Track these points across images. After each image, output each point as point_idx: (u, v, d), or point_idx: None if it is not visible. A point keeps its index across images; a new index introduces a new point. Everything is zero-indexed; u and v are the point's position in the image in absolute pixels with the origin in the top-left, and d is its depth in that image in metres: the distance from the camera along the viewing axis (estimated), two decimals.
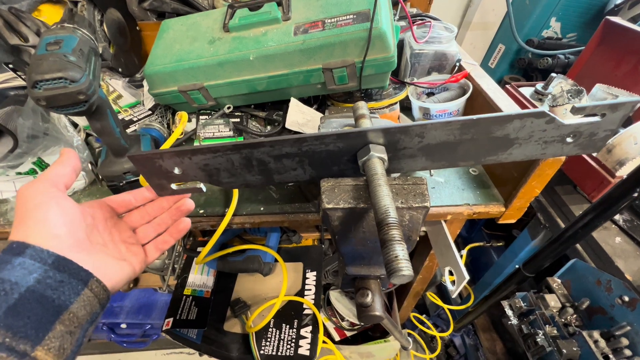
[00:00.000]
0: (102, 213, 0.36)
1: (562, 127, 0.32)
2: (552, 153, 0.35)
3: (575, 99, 0.79)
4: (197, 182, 0.38)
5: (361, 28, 0.56)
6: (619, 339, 0.64)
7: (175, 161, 0.35)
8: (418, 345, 1.37)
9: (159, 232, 0.41)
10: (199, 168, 0.36)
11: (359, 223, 0.34)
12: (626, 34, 0.87)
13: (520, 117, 0.31)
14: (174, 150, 0.34)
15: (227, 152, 0.34)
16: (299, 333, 0.76)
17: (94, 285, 0.30)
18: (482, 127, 0.32)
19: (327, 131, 0.34)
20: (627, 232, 0.75)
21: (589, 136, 0.33)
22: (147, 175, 0.36)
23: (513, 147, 0.34)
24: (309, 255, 0.91)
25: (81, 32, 0.45)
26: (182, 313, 0.73)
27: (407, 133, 0.33)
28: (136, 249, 0.38)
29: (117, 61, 0.80)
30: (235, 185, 0.38)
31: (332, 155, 0.36)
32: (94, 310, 0.30)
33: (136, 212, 0.41)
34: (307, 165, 0.37)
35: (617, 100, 0.30)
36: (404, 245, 0.26)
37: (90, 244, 0.32)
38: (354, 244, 0.35)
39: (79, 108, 0.41)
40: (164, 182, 0.37)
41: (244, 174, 0.37)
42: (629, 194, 0.55)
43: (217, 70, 0.63)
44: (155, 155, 0.34)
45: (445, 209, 0.60)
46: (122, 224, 0.39)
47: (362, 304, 0.36)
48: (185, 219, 0.42)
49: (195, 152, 0.34)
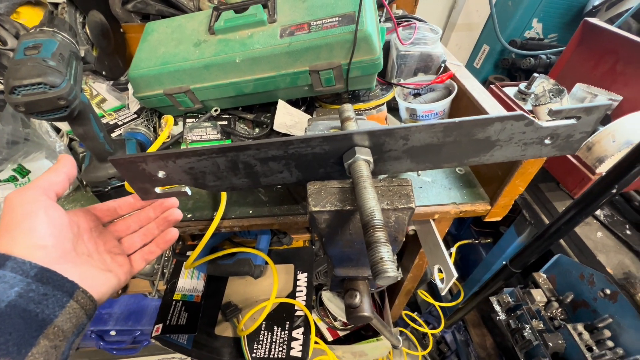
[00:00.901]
0: (87, 222, 0.36)
1: (540, 129, 0.32)
2: (532, 154, 0.36)
3: (556, 99, 0.81)
4: (183, 185, 0.37)
5: (347, 30, 0.56)
6: (602, 331, 0.66)
7: (159, 165, 0.34)
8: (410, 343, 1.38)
9: (146, 242, 0.41)
10: (183, 171, 0.35)
11: (346, 225, 0.34)
12: (604, 34, 0.90)
13: (501, 119, 0.32)
14: (158, 153, 0.33)
15: (212, 155, 0.34)
16: (290, 335, 0.76)
17: (80, 297, 0.29)
18: (465, 130, 0.33)
19: (313, 134, 0.34)
20: (607, 227, 0.77)
21: (566, 138, 0.34)
22: (130, 179, 0.35)
23: (494, 149, 0.35)
24: (300, 256, 0.91)
25: (61, 35, 0.44)
26: (171, 319, 0.73)
27: (391, 135, 0.34)
28: (121, 260, 0.37)
29: (100, 64, 0.79)
30: (221, 188, 0.38)
31: (318, 158, 0.36)
32: (80, 321, 0.29)
33: (122, 221, 0.40)
34: (294, 167, 0.37)
35: (591, 103, 0.31)
36: (390, 246, 0.26)
37: (77, 255, 0.32)
38: (341, 246, 0.36)
39: (60, 114, 0.40)
40: (147, 186, 0.36)
41: (230, 177, 0.37)
42: (608, 191, 0.56)
43: (203, 73, 0.63)
44: (139, 159, 0.33)
45: (432, 208, 0.61)
46: (107, 234, 0.38)
47: (350, 304, 0.36)
48: (173, 229, 0.41)
49: (179, 156, 0.34)
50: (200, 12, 0.71)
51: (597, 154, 0.70)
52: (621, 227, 0.77)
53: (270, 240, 0.90)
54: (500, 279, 0.87)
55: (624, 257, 0.72)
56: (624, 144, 0.66)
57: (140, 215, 0.41)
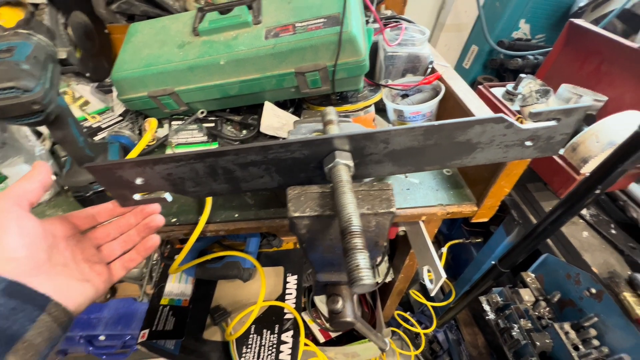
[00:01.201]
0: (64, 230, 0.35)
1: (520, 131, 0.32)
2: (514, 156, 0.36)
3: (543, 99, 0.82)
4: (162, 192, 0.37)
5: (332, 32, 0.56)
6: (588, 329, 0.67)
7: (136, 171, 0.34)
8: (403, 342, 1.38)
9: (126, 249, 0.40)
10: (162, 178, 0.35)
11: (326, 230, 0.34)
12: (589, 35, 0.91)
13: (481, 122, 0.32)
14: (135, 160, 0.33)
15: (190, 161, 0.33)
16: (280, 338, 0.75)
17: (53, 309, 0.29)
18: (445, 133, 0.33)
19: (292, 139, 0.33)
20: (593, 227, 0.78)
21: (546, 140, 0.34)
22: (107, 186, 0.34)
23: (476, 152, 0.35)
24: (290, 259, 0.91)
25: (37, 38, 0.43)
26: (158, 324, 0.72)
27: (371, 139, 0.34)
28: (100, 268, 0.36)
29: (84, 66, 0.77)
30: (201, 194, 0.38)
31: (298, 163, 0.35)
32: (53, 335, 0.28)
33: (101, 228, 0.39)
34: (275, 172, 0.36)
35: (570, 105, 0.31)
36: (367, 253, 0.26)
37: (51, 266, 0.31)
38: (322, 251, 0.35)
39: (35, 118, 0.39)
40: (126, 192, 0.36)
41: (210, 182, 0.36)
42: (592, 191, 0.57)
43: (188, 75, 0.62)
44: (115, 166, 0.33)
45: (419, 210, 0.61)
46: (85, 242, 0.37)
47: (332, 310, 0.36)
48: (154, 235, 0.41)
49: (156, 162, 0.33)
50: (185, 13, 0.70)
51: (581, 155, 0.71)
52: (606, 227, 0.78)
53: (260, 243, 0.89)
54: (490, 278, 0.87)
55: (609, 256, 0.72)
56: (607, 144, 0.66)
57: (120, 222, 0.40)
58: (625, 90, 0.85)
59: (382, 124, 0.78)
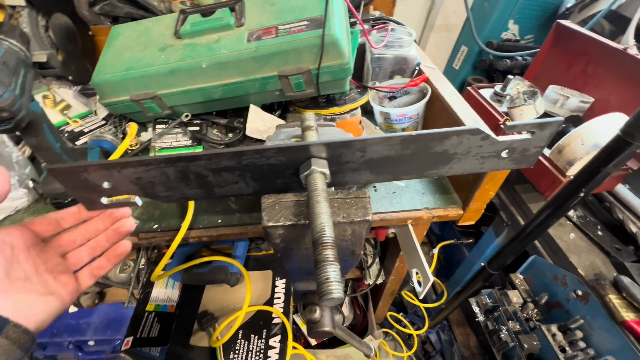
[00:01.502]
0: (24, 240, 0.33)
1: (496, 143, 0.32)
2: (490, 167, 0.36)
3: (530, 100, 0.82)
4: (132, 196, 0.36)
5: (314, 35, 0.55)
6: (574, 332, 0.67)
7: (102, 174, 0.32)
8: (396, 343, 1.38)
9: (94, 255, 0.38)
10: (130, 182, 0.34)
11: (301, 239, 0.33)
12: (575, 36, 0.91)
13: (457, 133, 0.32)
14: (100, 163, 0.32)
15: (160, 166, 0.32)
16: (267, 343, 0.75)
17: (11, 332, 0.27)
18: (422, 143, 0.33)
19: (268, 145, 0.33)
20: (580, 228, 0.78)
21: (522, 152, 0.34)
22: (72, 190, 0.33)
23: (453, 162, 0.35)
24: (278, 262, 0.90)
25: (8, 42, 0.42)
26: (142, 331, 0.70)
27: (348, 147, 0.33)
28: (65, 279, 0.35)
29: (66, 69, 0.76)
30: (173, 199, 0.37)
31: (274, 169, 0.35)
32: (12, 357, 0.27)
33: (66, 234, 0.37)
34: (250, 178, 0.35)
35: (543, 119, 0.31)
36: (337, 266, 0.25)
37: (9, 282, 0.29)
38: (298, 260, 0.35)
39: (4, 126, 0.38)
40: (92, 196, 0.34)
41: (182, 187, 0.35)
42: (577, 194, 0.57)
43: (169, 78, 0.61)
44: (79, 169, 0.31)
45: (405, 214, 0.61)
46: (49, 251, 0.35)
47: (310, 320, 0.35)
48: (125, 241, 0.39)
49: (124, 165, 0.32)
50: (168, 15, 0.69)
51: (567, 157, 0.71)
52: (593, 228, 0.78)
53: (248, 247, 0.89)
54: (479, 280, 0.87)
55: (596, 257, 0.73)
56: (592, 146, 0.67)
57: (87, 227, 0.38)
58: (611, 91, 0.86)
59: (369, 127, 0.77)
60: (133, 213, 0.59)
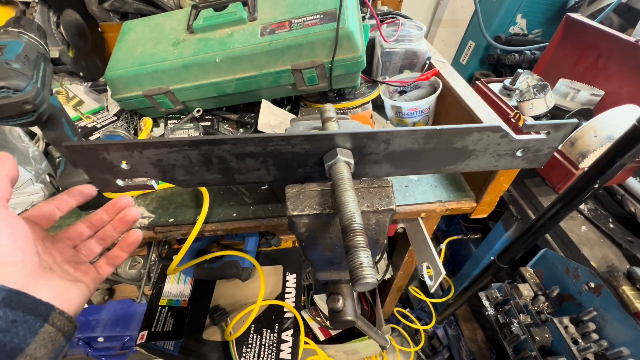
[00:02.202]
0: (35, 232, 0.32)
1: (513, 141, 0.33)
2: (504, 165, 0.36)
3: (540, 94, 0.82)
4: (148, 178, 0.35)
5: (328, 28, 0.55)
6: (587, 324, 0.67)
7: (123, 154, 0.32)
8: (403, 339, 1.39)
9: (105, 246, 0.38)
10: (150, 164, 0.33)
11: (326, 229, 0.33)
12: (586, 30, 0.91)
13: (479, 130, 0.32)
14: (122, 142, 0.31)
15: (184, 148, 0.32)
16: (280, 337, 0.75)
17: (57, 319, 0.27)
18: (445, 137, 0.33)
19: (294, 132, 0.33)
20: (591, 221, 0.78)
21: (535, 152, 0.34)
22: (89, 169, 0.33)
23: (470, 158, 0.35)
24: (289, 257, 0.90)
25: (27, 36, 0.42)
26: (157, 325, 0.71)
27: (374, 138, 0.33)
28: (85, 267, 0.35)
29: (77, 65, 0.76)
30: (191, 184, 0.37)
31: (298, 157, 0.35)
32: (57, 345, 0.27)
33: (72, 227, 0.37)
34: (272, 166, 0.35)
35: (560, 120, 0.31)
36: (369, 252, 0.25)
37: (42, 269, 0.29)
38: (322, 250, 0.35)
39: (27, 118, 0.38)
40: (108, 177, 0.34)
41: (202, 172, 0.35)
42: (591, 186, 0.57)
43: (183, 73, 0.61)
44: (99, 147, 0.31)
45: (418, 206, 0.61)
46: (60, 243, 0.35)
47: (333, 309, 0.36)
48: (136, 230, 0.39)
49: (147, 146, 0.31)
50: (179, 10, 0.69)
51: (580, 149, 0.70)
52: (605, 221, 0.78)
53: (258, 242, 0.89)
54: (489, 274, 0.87)
55: (608, 250, 0.73)
56: (606, 138, 0.66)
57: (92, 219, 0.38)
58: (623, 84, 0.86)
59: (379, 121, 0.78)
60: (148, 207, 0.59)
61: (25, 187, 0.54)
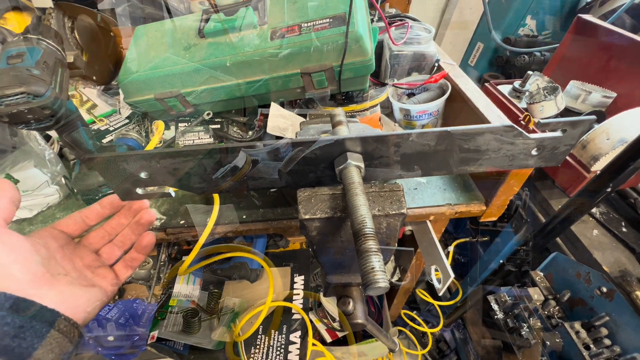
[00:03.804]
0: (56, 241, 0.34)
1: (528, 140, 0.32)
2: (518, 164, 0.36)
3: (551, 96, 0.81)
4: (166, 186, 0.37)
5: (338, 32, 0.56)
6: (599, 329, 0.66)
7: (141, 165, 0.33)
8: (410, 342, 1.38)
9: (125, 249, 0.39)
10: (168, 172, 0.34)
11: (337, 232, 0.34)
12: (597, 31, 0.90)
13: (491, 130, 0.32)
14: (141, 153, 0.33)
15: (198, 157, 0.33)
16: (288, 339, 0.75)
17: (62, 325, 0.28)
18: (456, 139, 0.33)
19: (304, 138, 0.33)
20: (603, 225, 0.77)
21: (551, 150, 0.34)
22: (109, 179, 0.34)
23: (483, 159, 0.35)
24: (297, 259, 0.91)
25: (46, 43, 0.43)
26: (167, 325, 0.72)
27: (384, 142, 0.33)
28: (104, 272, 0.36)
29: (90, 69, 0.78)
30: (206, 190, 0.37)
31: (309, 162, 0.35)
32: (64, 350, 0.28)
33: (94, 232, 0.39)
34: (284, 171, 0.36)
35: (576, 117, 0.31)
36: (381, 256, 0.26)
37: (52, 277, 0.30)
38: (333, 253, 0.35)
39: (45, 123, 0.39)
40: (129, 186, 0.36)
41: (217, 179, 0.36)
42: (604, 189, 0.56)
43: (194, 76, 0.62)
44: (119, 158, 0.33)
45: (427, 209, 0.61)
46: (82, 249, 0.37)
47: (344, 312, 0.36)
48: (148, 233, 0.40)
49: (164, 156, 0.33)
50: (190, 15, 0.70)
51: (591, 152, 0.70)
52: (617, 225, 0.77)
53: (266, 243, 0.89)
54: (498, 277, 0.87)
55: (620, 254, 0.72)
56: (619, 141, 0.65)
57: (111, 223, 0.40)
58: (635, 85, 0.84)
59: (388, 124, 0.78)
60: (160, 210, 0.60)
61: (42, 189, 0.56)
